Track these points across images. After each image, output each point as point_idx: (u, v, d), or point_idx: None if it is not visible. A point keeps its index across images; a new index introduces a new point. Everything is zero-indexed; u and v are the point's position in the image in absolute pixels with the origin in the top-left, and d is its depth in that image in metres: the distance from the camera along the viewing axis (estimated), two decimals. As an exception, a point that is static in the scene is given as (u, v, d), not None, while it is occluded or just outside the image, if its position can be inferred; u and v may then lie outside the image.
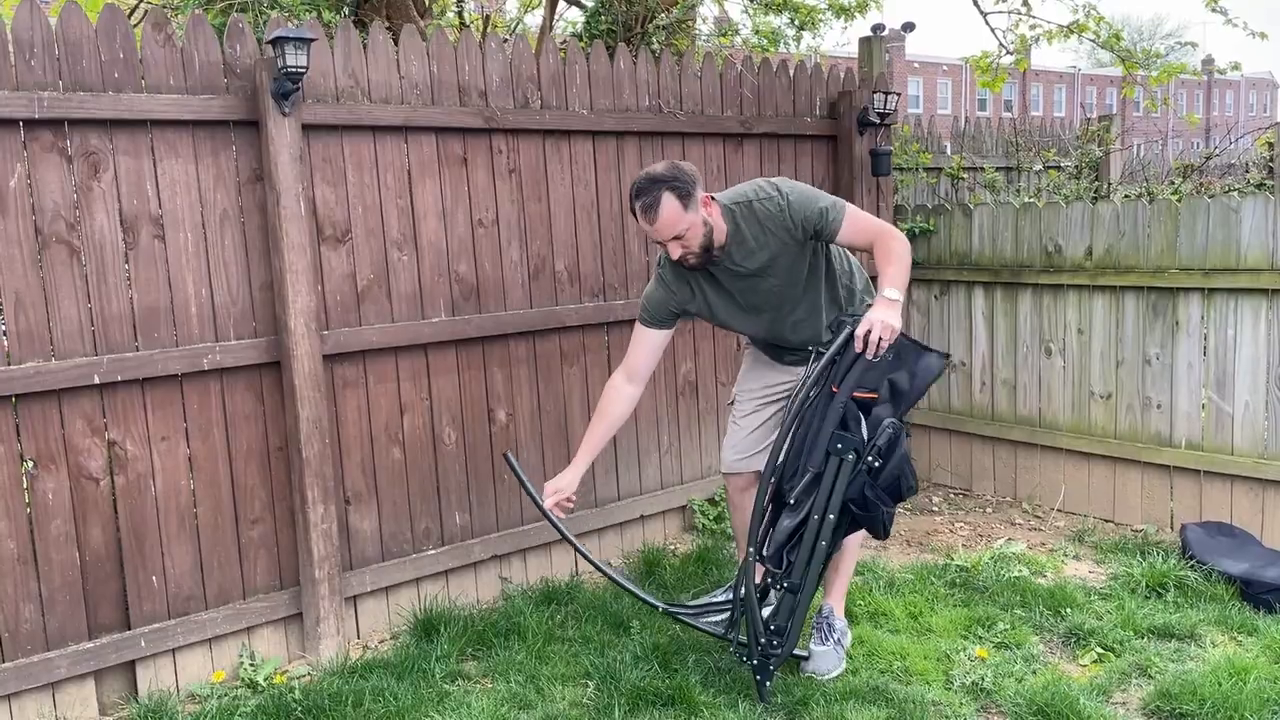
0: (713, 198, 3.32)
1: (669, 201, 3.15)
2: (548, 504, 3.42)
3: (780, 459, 3.20)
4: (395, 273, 3.91)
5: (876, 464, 3.13)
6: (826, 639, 3.52)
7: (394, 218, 3.89)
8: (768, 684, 3.25)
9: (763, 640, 3.22)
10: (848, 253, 3.59)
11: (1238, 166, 8.54)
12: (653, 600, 3.50)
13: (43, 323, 3.21)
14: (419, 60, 3.90)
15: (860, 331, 3.07)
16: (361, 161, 3.80)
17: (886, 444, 3.14)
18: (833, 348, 3.15)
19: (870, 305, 3.26)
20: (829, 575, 3.65)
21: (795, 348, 3.52)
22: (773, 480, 3.22)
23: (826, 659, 3.48)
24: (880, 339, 3.06)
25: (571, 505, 3.49)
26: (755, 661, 3.26)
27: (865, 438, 3.13)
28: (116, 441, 3.37)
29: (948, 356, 3.38)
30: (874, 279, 3.46)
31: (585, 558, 3.49)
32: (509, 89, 4.14)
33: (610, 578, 3.51)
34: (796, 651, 3.43)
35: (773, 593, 3.33)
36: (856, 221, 3.30)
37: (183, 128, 3.42)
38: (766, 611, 3.37)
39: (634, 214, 3.24)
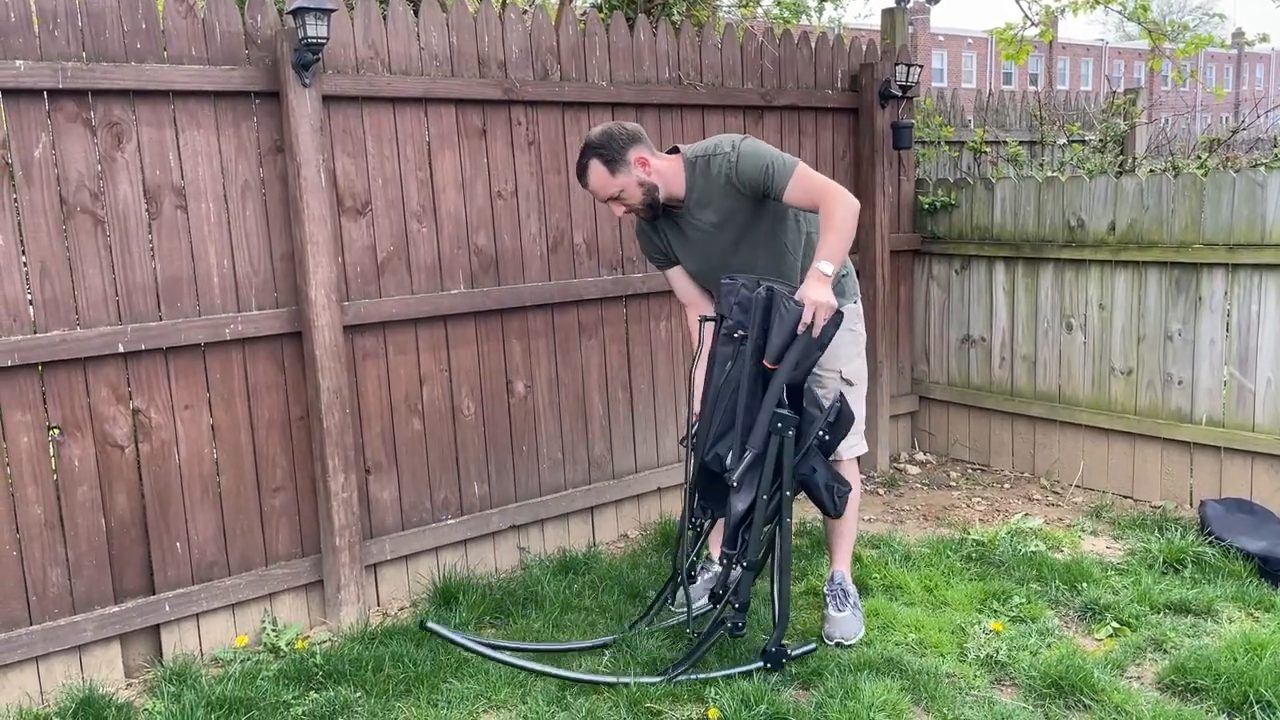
0: (677, 149, 3.41)
1: (595, 168, 3.32)
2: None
3: (704, 435, 3.23)
4: (415, 244, 3.93)
5: (826, 436, 3.19)
6: (843, 605, 3.57)
7: (413, 189, 3.91)
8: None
9: (726, 619, 3.28)
10: None
11: (1265, 141, 8.43)
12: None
13: (68, 291, 3.25)
14: (439, 31, 3.90)
15: (807, 318, 3.05)
16: (381, 133, 3.81)
17: (836, 416, 3.20)
18: (753, 327, 3.11)
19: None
20: (834, 542, 3.71)
21: None
22: (694, 456, 3.28)
23: (849, 624, 3.52)
24: (818, 319, 3.05)
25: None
26: (698, 633, 3.36)
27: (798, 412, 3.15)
28: (141, 410, 3.41)
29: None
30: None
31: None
32: (528, 60, 4.14)
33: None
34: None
35: (733, 570, 3.32)
36: (802, 181, 3.23)
37: (204, 98, 3.44)
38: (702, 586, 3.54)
39: None
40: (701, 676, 3.23)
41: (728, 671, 3.24)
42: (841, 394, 3.31)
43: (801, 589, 3.96)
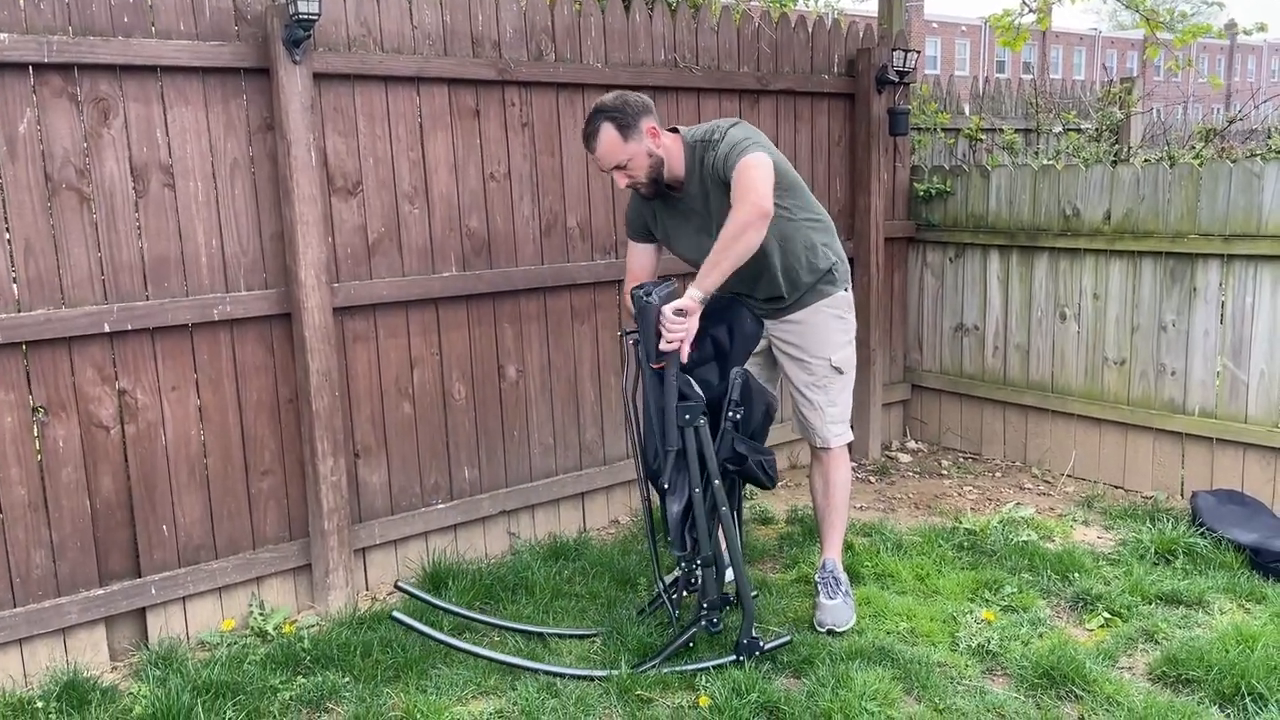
0: (676, 130, 3.36)
1: (608, 131, 3.23)
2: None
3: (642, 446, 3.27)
4: (406, 226, 3.88)
5: (738, 415, 3.20)
6: (835, 592, 3.55)
7: (405, 170, 3.86)
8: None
9: (702, 618, 3.28)
10: (814, 202, 3.54)
11: (1259, 132, 8.41)
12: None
13: (52, 270, 3.19)
14: (432, 9, 3.85)
15: (665, 339, 3.07)
16: (373, 112, 3.76)
17: (741, 393, 3.21)
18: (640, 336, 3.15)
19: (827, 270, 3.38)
20: (825, 530, 3.71)
21: (758, 300, 3.53)
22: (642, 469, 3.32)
23: (840, 611, 3.50)
24: (673, 342, 3.07)
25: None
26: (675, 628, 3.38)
27: (703, 395, 3.16)
28: (127, 390, 3.36)
29: (761, 323, 3.39)
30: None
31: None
32: (523, 40, 4.09)
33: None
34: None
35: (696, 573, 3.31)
36: (742, 168, 3.13)
37: (193, 74, 3.38)
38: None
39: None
40: (678, 669, 3.20)
41: (703, 664, 3.22)
42: (744, 372, 3.27)
43: (793, 577, 3.95)
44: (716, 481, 3.17)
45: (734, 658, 3.23)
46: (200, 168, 3.43)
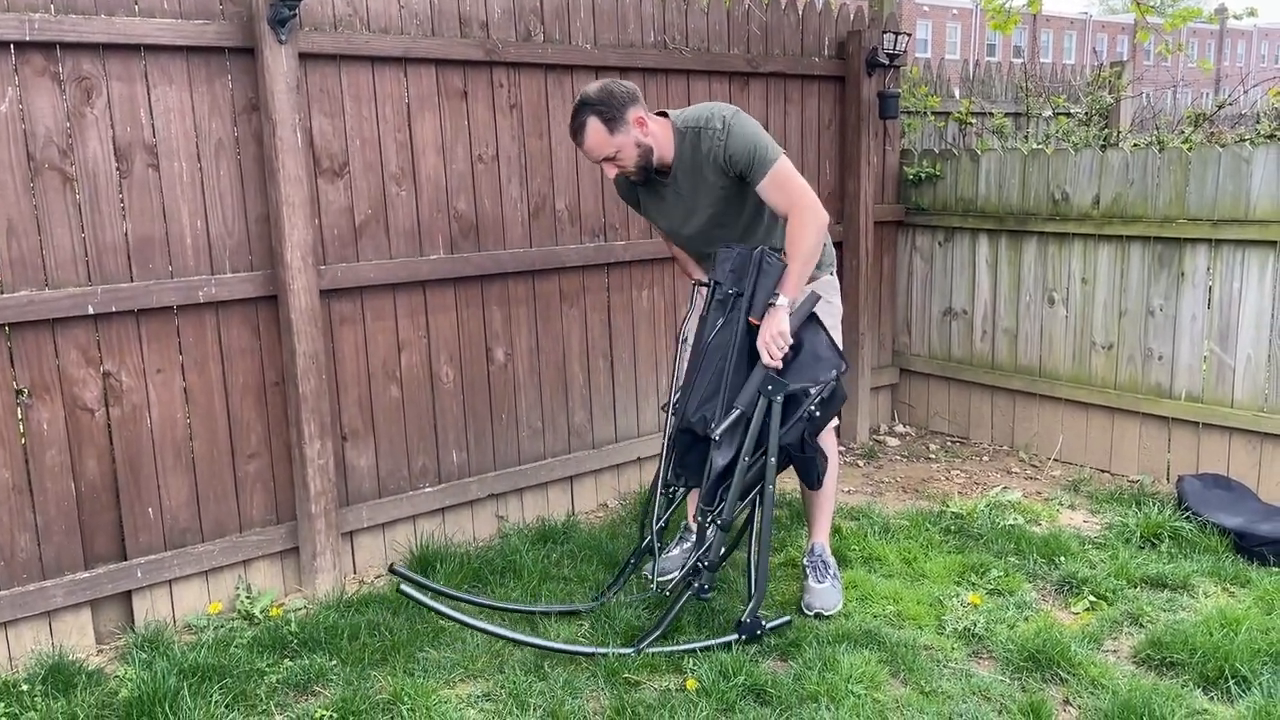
0: (665, 114, 3.34)
1: (593, 126, 3.20)
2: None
3: (689, 397, 3.22)
4: (394, 208, 3.85)
5: (816, 414, 3.20)
6: (823, 576, 3.56)
7: (392, 151, 3.83)
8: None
9: (694, 579, 3.27)
10: None
11: (1248, 117, 8.42)
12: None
13: (35, 251, 3.16)
14: (419, -11, 3.81)
15: (766, 361, 3.10)
16: (360, 93, 3.72)
17: (831, 393, 3.23)
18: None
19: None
20: (813, 514, 3.72)
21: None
22: (675, 418, 3.29)
23: (828, 595, 3.51)
24: (778, 349, 3.10)
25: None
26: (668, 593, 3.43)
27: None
28: (111, 373, 3.34)
29: (843, 368, 3.36)
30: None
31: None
32: (511, 20, 4.05)
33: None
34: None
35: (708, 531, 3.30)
36: (779, 179, 3.18)
37: (177, 53, 3.34)
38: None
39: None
40: (675, 649, 3.21)
41: (702, 643, 3.23)
42: (837, 374, 3.26)
43: (780, 560, 3.96)
44: (772, 459, 3.16)
45: (736, 636, 3.24)
46: (184, 148, 3.40)
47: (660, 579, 3.72)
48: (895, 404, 5.89)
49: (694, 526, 3.76)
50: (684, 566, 3.48)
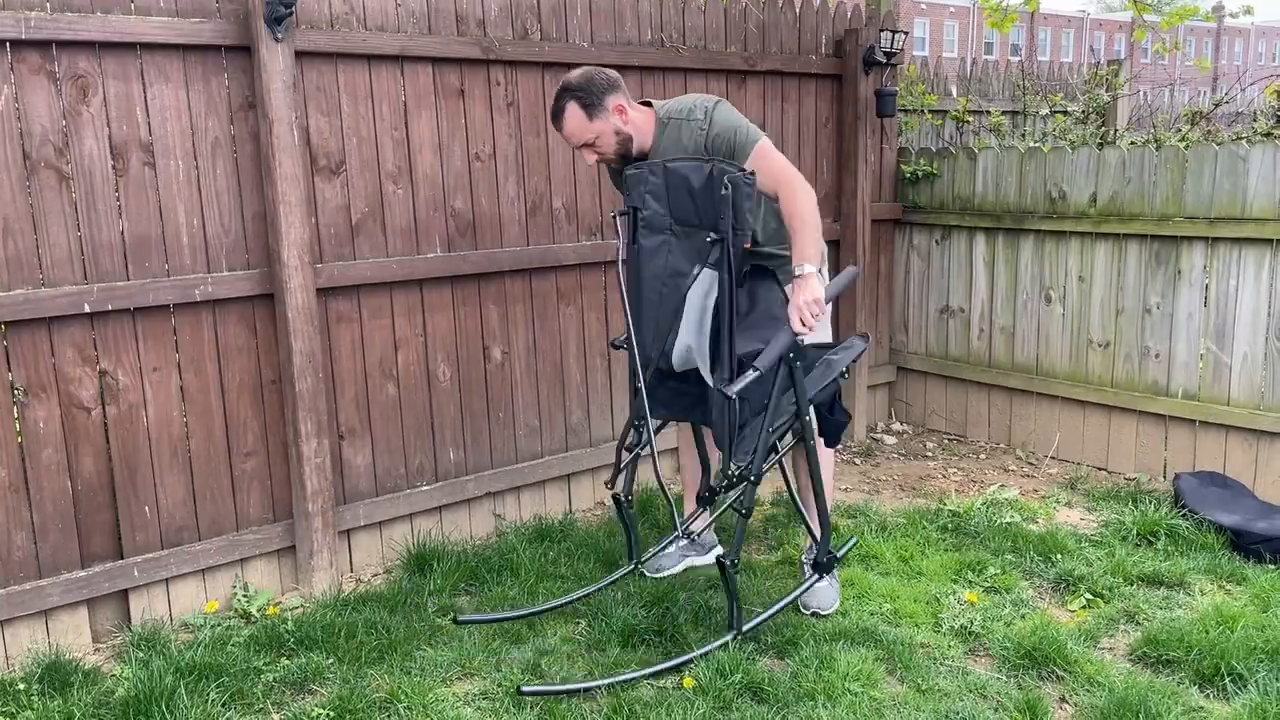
0: (649, 104, 3.37)
1: (573, 110, 3.24)
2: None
3: (643, 335, 3.19)
4: (390, 206, 3.85)
5: (845, 378, 3.31)
6: (820, 575, 3.55)
7: (389, 150, 3.83)
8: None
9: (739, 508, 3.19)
10: None
11: (1245, 115, 8.43)
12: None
13: (31, 249, 3.16)
14: (416, -13, 3.81)
15: (796, 327, 3.01)
16: (356, 91, 3.72)
17: (853, 362, 3.34)
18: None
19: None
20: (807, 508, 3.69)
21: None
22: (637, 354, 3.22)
23: (824, 594, 3.52)
24: (812, 316, 3.02)
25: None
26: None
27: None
28: (108, 371, 3.34)
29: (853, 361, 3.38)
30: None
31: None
32: (508, 18, 4.05)
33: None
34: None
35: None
36: (764, 156, 3.20)
37: (173, 52, 3.34)
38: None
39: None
40: (762, 619, 3.29)
41: (783, 602, 3.35)
42: (864, 348, 3.40)
43: (777, 558, 3.96)
44: (809, 419, 3.20)
45: (816, 577, 3.42)
46: (181, 146, 3.39)
47: (655, 575, 3.74)
48: (892, 402, 5.89)
49: (693, 526, 3.76)
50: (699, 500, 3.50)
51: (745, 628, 3.23)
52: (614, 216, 3.30)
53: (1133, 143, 5.47)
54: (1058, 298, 5.06)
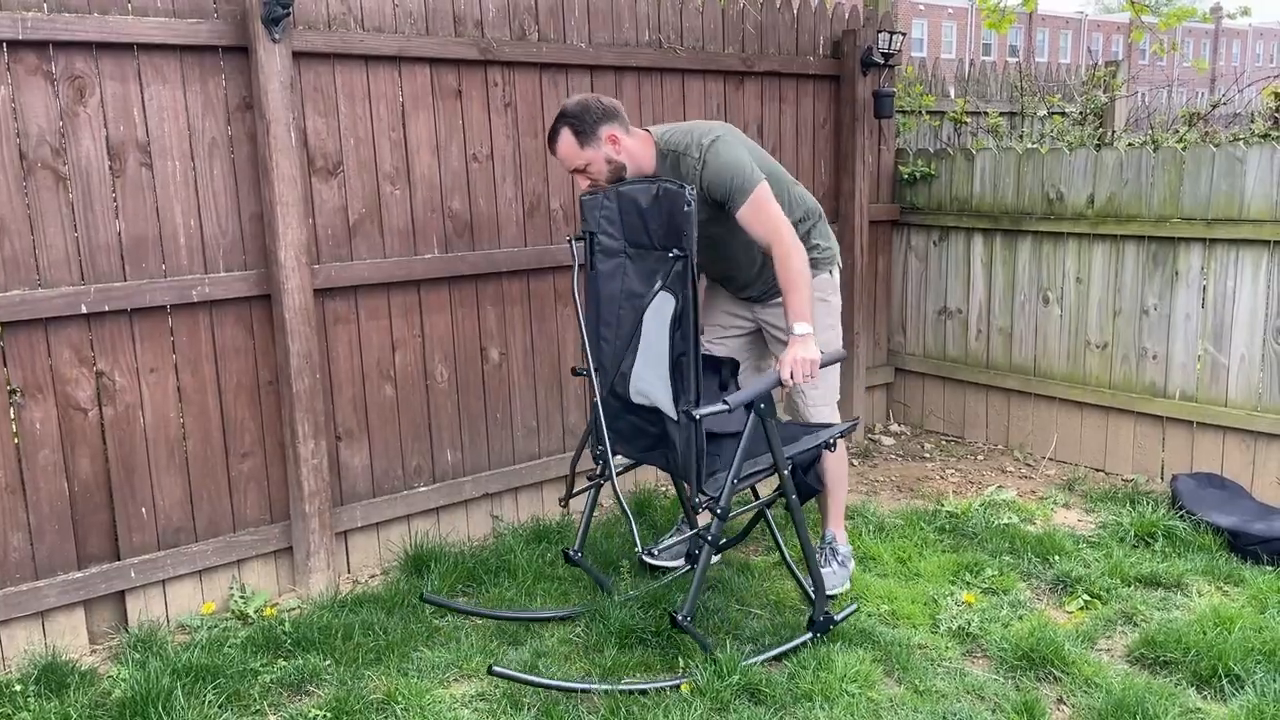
0: (649, 131, 3.36)
1: (565, 137, 3.25)
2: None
3: (603, 361, 3.19)
4: (388, 207, 3.85)
5: (830, 448, 3.31)
6: (829, 561, 3.65)
7: (387, 151, 3.82)
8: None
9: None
10: (803, 195, 3.55)
11: (1243, 116, 8.43)
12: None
13: (28, 250, 3.15)
14: (414, -12, 3.80)
15: (785, 377, 3.06)
16: (354, 92, 3.72)
17: (840, 436, 3.37)
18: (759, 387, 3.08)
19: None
20: (821, 507, 3.78)
21: (743, 287, 3.61)
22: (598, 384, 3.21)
23: (831, 576, 3.58)
24: (804, 374, 3.08)
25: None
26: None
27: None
28: (105, 372, 3.33)
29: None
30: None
31: None
32: (505, 19, 4.05)
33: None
34: None
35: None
36: (758, 210, 3.21)
37: (170, 52, 3.34)
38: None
39: None
40: (762, 657, 3.17)
41: (782, 648, 3.22)
42: (850, 427, 3.44)
43: (774, 560, 3.96)
44: (784, 471, 3.14)
45: (810, 635, 3.28)
46: (178, 147, 3.39)
47: (658, 564, 3.77)
48: (890, 403, 5.89)
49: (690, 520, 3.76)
50: (687, 557, 3.51)
51: (746, 661, 3.14)
52: (569, 241, 3.35)
53: (1130, 144, 5.47)
54: (1055, 299, 5.06)
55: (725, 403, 2.96)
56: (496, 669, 2.98)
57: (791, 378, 3.06)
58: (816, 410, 3.63)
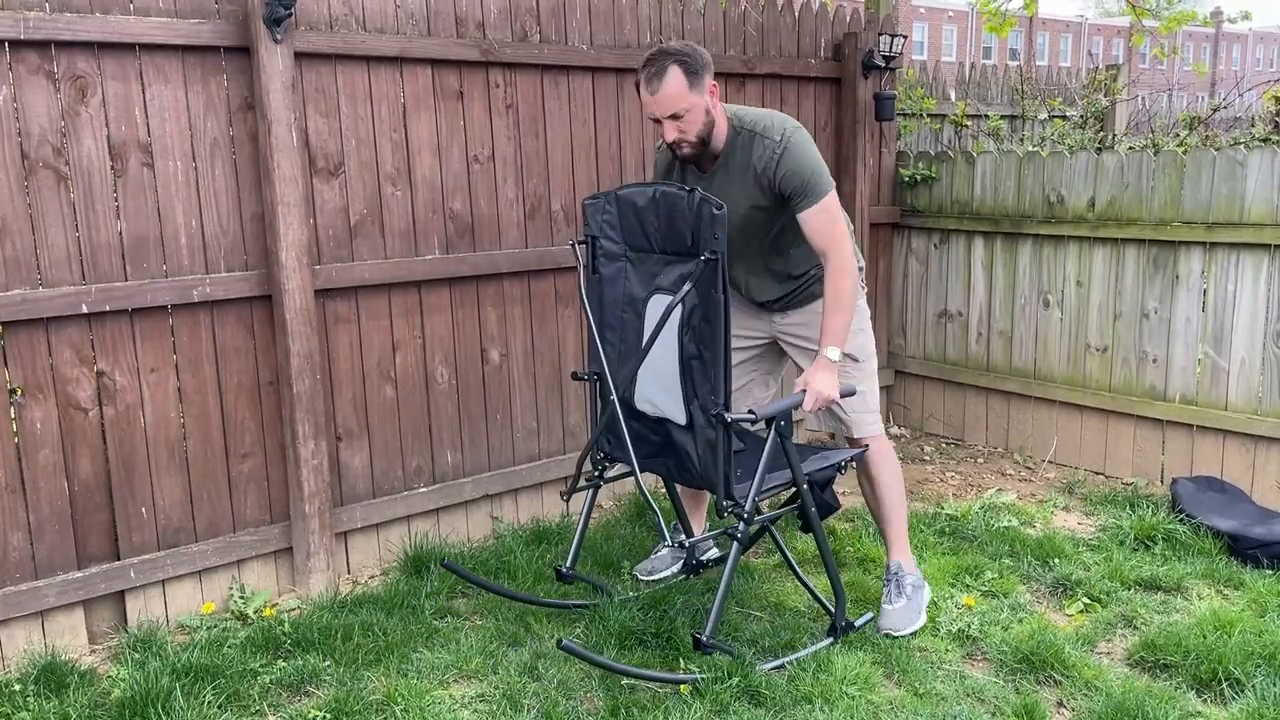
0: (726, 105, 3.25)
1: (675, 74, 3.02)
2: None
3: (610, 367, 3.12)
4: (389, 208, 3.85)
5: (841, 472, 3.31)
6: (896, 598, 3.42)
7: (388, 152, 3.82)
8: None
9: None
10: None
11: (1243, 120, 8.44)
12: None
13: (29, 250, 3.15)
14: (416, -11, 3.81)
15: (808, 406, 3.09)
16: (355, 93, 3.72)
17: (851, 460, 3.35)
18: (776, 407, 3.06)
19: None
20: (881, 531, 3.61)
21: (767, 298, 3.47)
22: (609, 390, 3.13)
23: (895, 616, 3.37)
24: (807, 405, 3.09)
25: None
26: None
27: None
28: (105, 372, 3.33)
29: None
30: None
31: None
32: (507, 21, 4.05)
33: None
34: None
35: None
36: (824, 215, 3.12)
37: (172, 52, 3.34)
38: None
39: (637, 86, 3.11)
40: (779, 662, 3.16)
41: (801, 653, 3.20)
42: (861, 452, 3.41)
43: (775, 562, 3.95)
44: (804, 486, 3.13)
45: (830, 640, 3.28)
46: (179, 147, 3.39)
47: (649, 578, 3.73)
48: (891, 406, 5.89)
49: (688, 529, 3.75)
50: (685, 566, 3.48)
51: (763, 667, 3.12)
52: (572, 245, 3.22)
53: (1131, 147, 5.47)
54: (1056, 302, 5.06)
55: (751, 412, 2.99)
56: (566, 644, 2.93)
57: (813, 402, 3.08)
58: (853, 417, 3.44)
